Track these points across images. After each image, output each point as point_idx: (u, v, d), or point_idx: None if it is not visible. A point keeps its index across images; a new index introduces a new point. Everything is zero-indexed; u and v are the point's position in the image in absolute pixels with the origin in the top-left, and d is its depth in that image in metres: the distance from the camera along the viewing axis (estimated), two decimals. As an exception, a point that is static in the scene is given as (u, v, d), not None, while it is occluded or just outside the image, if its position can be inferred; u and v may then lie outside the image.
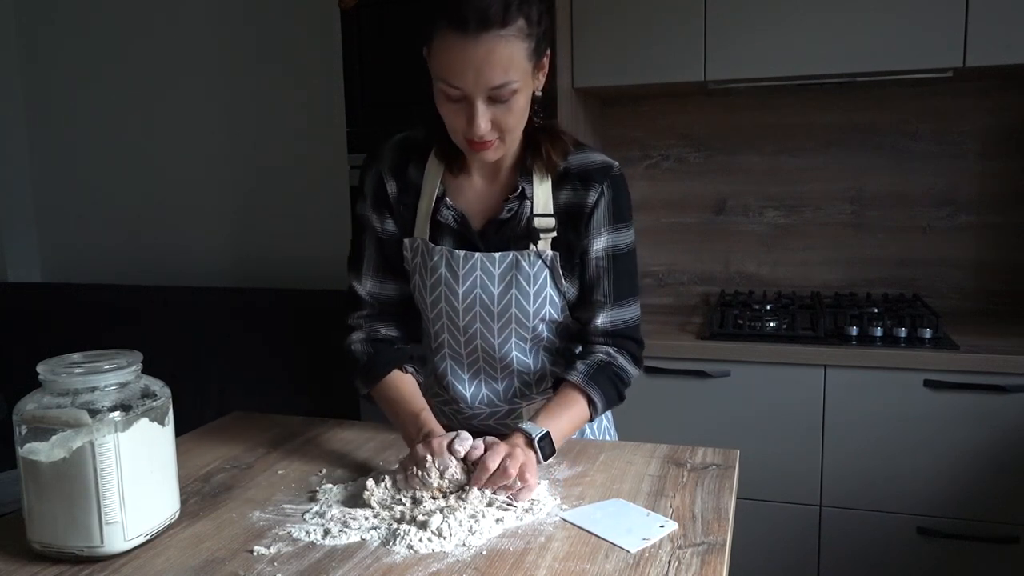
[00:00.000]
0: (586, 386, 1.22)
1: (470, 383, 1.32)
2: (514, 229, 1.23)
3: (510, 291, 1.23)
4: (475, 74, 1.05)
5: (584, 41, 2.28)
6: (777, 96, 2.51)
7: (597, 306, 1.27)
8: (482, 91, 1.07)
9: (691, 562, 0.91)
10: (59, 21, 3.22)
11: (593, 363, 1.25)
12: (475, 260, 1.23)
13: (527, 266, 1.22)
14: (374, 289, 1.32)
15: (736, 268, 2.63)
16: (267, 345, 2.69)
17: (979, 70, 2.11)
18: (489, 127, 1.10)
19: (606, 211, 1.23)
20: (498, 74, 1.05)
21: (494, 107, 1.09)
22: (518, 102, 1.10)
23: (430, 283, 1.26)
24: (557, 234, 1.23)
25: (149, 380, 1.00)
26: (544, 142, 1.22)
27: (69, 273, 3.34)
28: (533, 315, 1.24)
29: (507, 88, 1.07)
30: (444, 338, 1.30)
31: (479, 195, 1.26)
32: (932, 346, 1.98)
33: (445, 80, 1.08)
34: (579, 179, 1.23)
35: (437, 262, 1.24)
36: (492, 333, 1.26)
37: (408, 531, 0.95)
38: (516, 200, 1.22)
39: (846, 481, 2.04)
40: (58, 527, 0.92)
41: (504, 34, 1.04)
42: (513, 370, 1.30)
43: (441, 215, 1.25)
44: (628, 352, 1.29)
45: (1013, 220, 2.38)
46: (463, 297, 1.24)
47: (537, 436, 1.13)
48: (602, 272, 1.25)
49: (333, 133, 2.83)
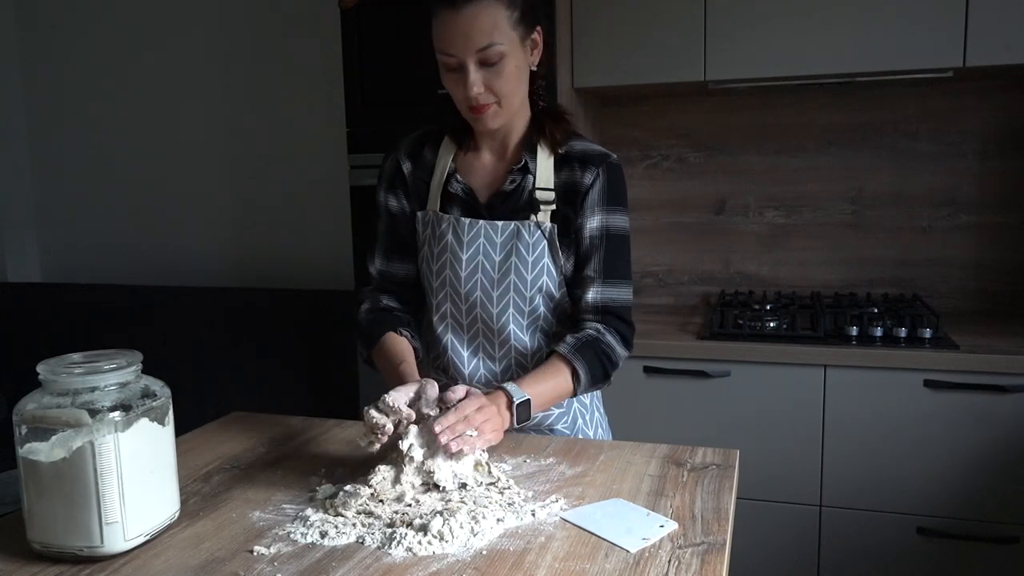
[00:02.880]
0: (572, 357, 1.27)
1: (469, 360, 1.38)
2: (517, 200, 1.33)
3: (510, 259, 1.31)
4: (463, 38, 1.19)
5: (584, 41, 2.28)
6: (777, 96, 2.51)
7: (588, 281, 1.33)
8: (471, 53, 1.20)
9: (691, 562, 0.91)
10: (59, 21, 3.22)
11: (581, 337, 1.30)
12: (479, 228, 1.32)
13: (527, 235, 1.31)
14: (382, 268, 1.43)
15: (736, 268, 2.63)
16: (267, 345, 2.70)
17: (979, 70, 2.11)
18: (483, 89, 1.22)
19: (601, 192, 1.32)
20: (483, 36, 1.19)
21: (485, 71, 1.21)
22: (507, 66, 1.22)
23: (436, 251, 1.35)
24: (556, 208, 1.32)
25: (149, 380, 1.00)
26: (548, 122, 1.34)
27: (69, 273, 3.34)
28: (531, 284, 1.31)
29: (493, 49, 1.19)
30: (447, 307, 1.37)
31: (487, 171, 1.36)
32: (932, 346, 1.98)
33: (442, 51, 1.22)
34: (578, 162, 1.33)
35: (444, 229, 1.34)
36: (491, 301, 1.33)
37: (407, 534, 0.95)
38: (519, 173, 1.33)
39: (846, 481, 2.04)
40: (58, 527, 0.92)
41: (486, 2, 1.18)
42: (511, 346, 1.35)
43: (451, 187, 1.35)
44: (618, 332, 1.33)
45: (1013, 220, 2.38)
46: (466, 264, 1.33)
47: (518, 400, 1.18)
48: (594, 248, 1.32)
49: (333, 133, 2.83)
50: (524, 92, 1.29)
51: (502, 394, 1.19)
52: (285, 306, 2.72)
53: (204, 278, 3.12)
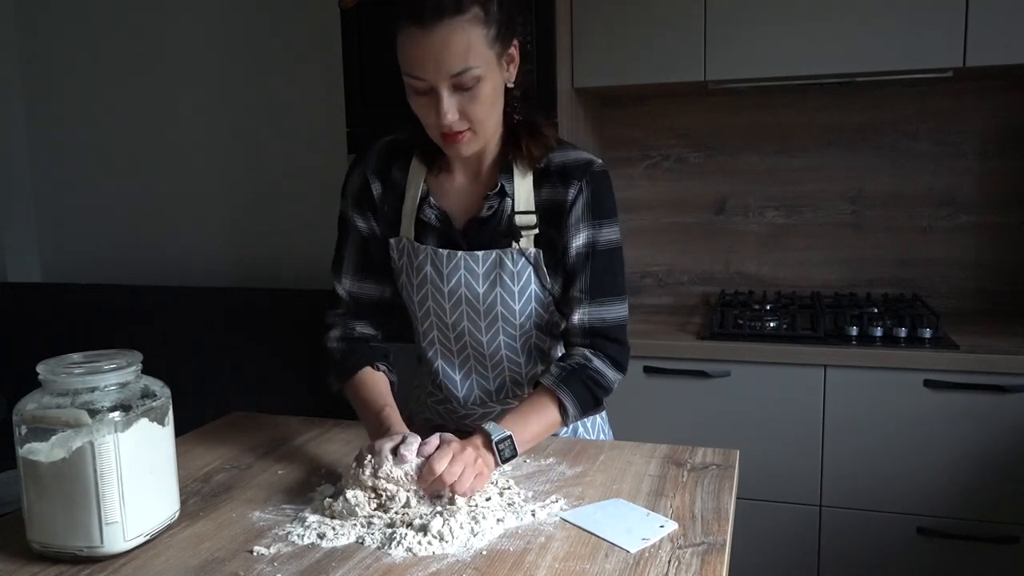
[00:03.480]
0: (557, 390, 1.20)
1: (462, 383, 1.33)
2: (496, 227, 1.23)
3: (495, 289, 1.23)
4: (435, 63, 1.07)
5: (584, 41, 2.28)
6: (777, 96, 2.51)
7: (575, 302, 1.25)
8: (444, 79, 1.08)
9: (691, 562, 0.91)
10: (59, 21, 3.22)
11: (567, 366, 1.23)
12: (458, 259, 1.23)
13: (511, 264, 1.22)
14: (352, 288, 1.33)
15: (736, 268, 2.63)
16: (267, 345, 2.69)
17: (979, 70, 2.11)
18: (457, 117, 1.11)
19: (585, 207, 1.22)
20: (457, 61, 1.07)
21: (459, 96, 1.10)
22: (483, 90, 1.10)
23: (416, 282, 1.27)
24: (539, 231, 1.23)
25: (149, 380, 1.00)
26: (523, 137, 1.22)
27: (69, 273, 3.34)
28: (520, 312, 1.25)
29: (468, 74, 1.08)
30: (434, 335, 1.31)
31: (461, 194, 1.26)
32: (932, 346, 1.98)
33: (410, 73, 1.10)
34: (558, 176, 1.22)
35: (422, 261, 1.25)
36: (480, 331, 1.27)
37: (407, 534, 0.95)
38: (496, 197, 1.22)
39: (846, 481, 2.04)
40: (58, 527, 0.92)
41: (459, 21, 1.06)
42: (504, 367, 1.31)
43: (424, 215, 1.25)
44: (607, 355, 1.25)
45: (1013, 220, 2.38)
46: (449, 296, 1.25)
47: (497, 438, 1.10)
48: (581, 268, 1.24)
49: (333, 133, 2.83)
50: (499, 113, 1.18)
51: (479, 435, 1.11)
52: (285, 306, 2.72)
53: (204, 278, 3.12)
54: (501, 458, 1.10)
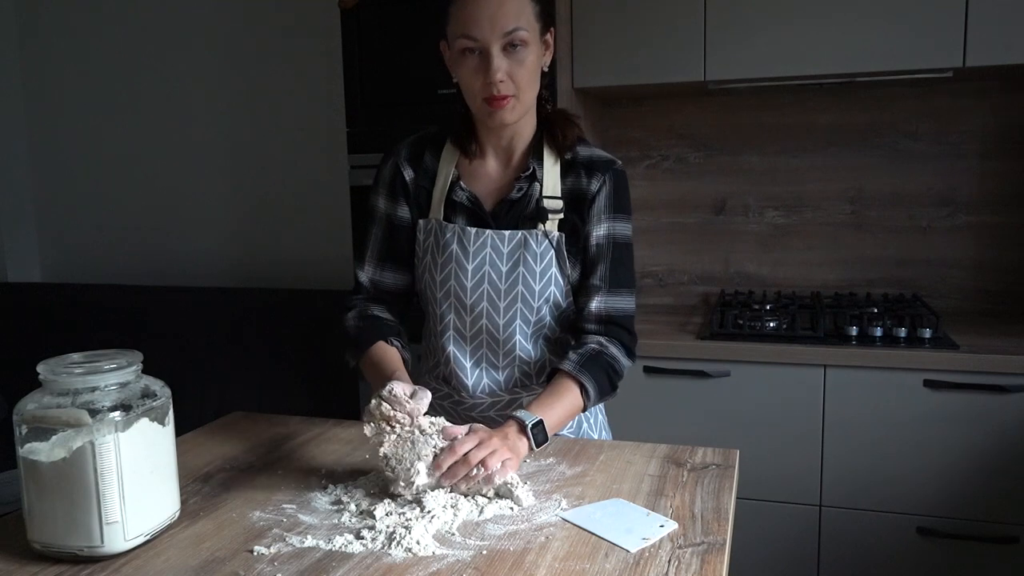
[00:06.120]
0: (578, 374, 1.25)
1: (472, 371, 1.36)
2: (524, 209, 1.30)
3: (517, 269, 1.29)
4: (490, 21, 1.17)
5: (584, 41, 2.28)
6: (777, 96, 2.51)
7: (593, 290, 1.32)
8: (498, 38, 1.18)
9: (691, 562, 0.91)
10: (59, 21, 3.22)
11: (585, 352, 1.28)
12: (485, 237, 1.30)
13: (534, 245, 1.29)
14: (373, 276, 1.39)
15: (736, 268, 2.63)
16: (267, 345, 2.69)
17: (979, 70, 2.11)
18: (505, 78, 1.19)
19: (607, 200, 1.31)
20: (511, 20, 1.18)
21: (508, 59, 1.19)
22: (529, 57, 1.21)
23: (441, 260, 1.32)
24: (564, 216, 1.30)
25: (149, 380, 1.00)
26: (556, 124, 1.32)
27: (69, 273, 3.34)
28: (538, 295, 1.30)
29: (518, 34, 1.18)
30: (451, 319, 1.34)
31: (492, 178, 1.34)
32: (932, 346, 1.98)
33: (465, 34, 1.19)
34: (584, 168, 1.31)
35: (449, 239, 1.31)
36: (498, 312, 1.31)
37: (407, 534, 0.95)
38: (526, 180, 1.30)
39: (846, 481, 2.04)
40: (58, 527, 0.92)
41: None
42: (515, 356, 1.34)
43: (456, 195, 1.32)
44: (620, 342, 1.32)
45: (1013, 220, 2.38)
46: (472, 274, 1.30)
47: (530, 423, 1.15)
48: (600, 257, 1.31)
49: (333, 133, 2.83)
50: (537, 90, 1.27)
51: (512, 422, 1.16)
52: (285, 306, 2.72)
53: (204, 278, 3.12)
54: (535, 442, 1.15)
